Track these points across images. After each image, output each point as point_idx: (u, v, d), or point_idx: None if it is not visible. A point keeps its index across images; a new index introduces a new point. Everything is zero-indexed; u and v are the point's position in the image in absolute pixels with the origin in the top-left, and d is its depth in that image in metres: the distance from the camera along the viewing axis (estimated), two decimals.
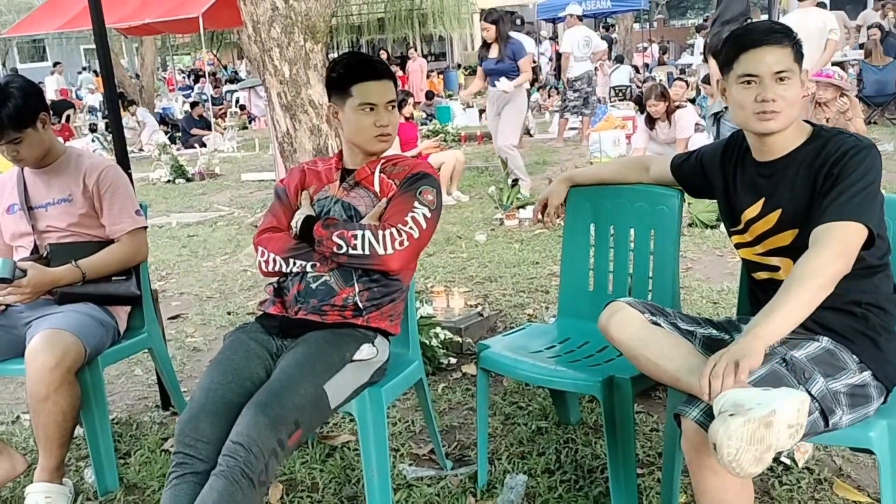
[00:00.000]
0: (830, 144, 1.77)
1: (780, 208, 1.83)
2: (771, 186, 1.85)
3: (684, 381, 1.71)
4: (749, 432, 1.45)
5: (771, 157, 1.85)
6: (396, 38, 21.74)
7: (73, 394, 2.29)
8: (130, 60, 24.14)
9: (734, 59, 1.79)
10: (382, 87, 2.12)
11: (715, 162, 2.01)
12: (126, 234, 2.56)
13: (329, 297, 2.06)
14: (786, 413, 1.48)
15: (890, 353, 1.77)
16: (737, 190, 1.94)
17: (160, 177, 9.95)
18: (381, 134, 2.12)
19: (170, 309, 4.41)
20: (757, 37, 1.76)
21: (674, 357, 1.75)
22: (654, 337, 1.81)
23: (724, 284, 4.03)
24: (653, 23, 25.95)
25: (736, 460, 1.45)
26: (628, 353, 1.85)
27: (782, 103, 1.75)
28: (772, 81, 1.75)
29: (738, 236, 1.96)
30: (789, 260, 1.82)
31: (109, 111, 3.19)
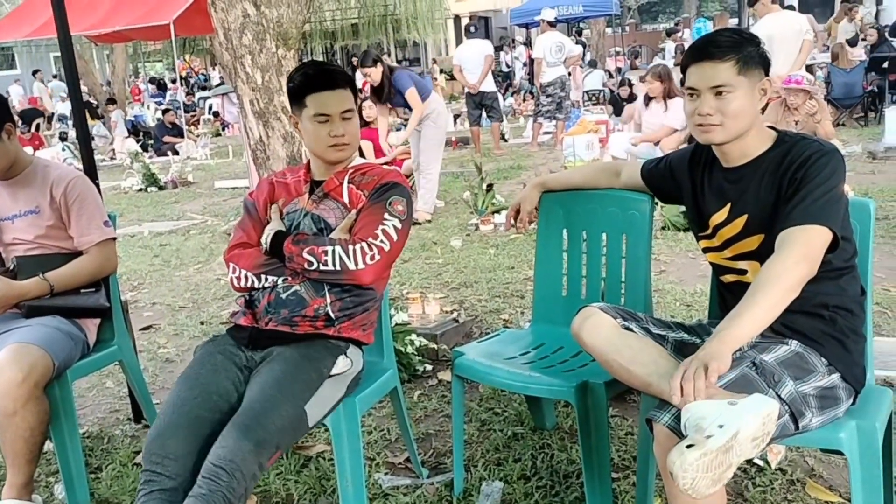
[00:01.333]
0: (794, 150, 1.79)
1: (746, 214, 1.85)
2: (737, 192, 1.88)
3: (655, 385, 1.72)
4: (706, 463, 1.47)
5: (735, 163, 1.88)
6: (370, 43, 21.72)
7: (42, 409, 2.25)
8: (101, 68, 23.89)
9: (683, 71, 1.83)
10: (337, 97, 2.09)
11: (683, 167, 2.03)
12: (94, 245, 2.52)
13: (300, 307, 2.04)
14: (749, 430, 1.50)
15: (857, 354, 1.79)
16: (704, 195, 1.96)
17: (132, 185, 9.85)
18: (336, 144, 2.10)
19: (142, 319, 4.35)
20: (699, 51, 1.79)
21: (645, 362, 1.77)
22: (626, 342, 1.82)
23: (696, 287, 4.06)
24: (625, 27, 26.18)
25: (692, 488, 1.48)
26: (600, 358, 1.86)
27: (720, 117, 1.78)
28: (709, 95, 1.78)
29: (706, 241, 1.98)
30: (756, 263, 1.84)
31: (76, 120, 3.14)
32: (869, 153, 7.86)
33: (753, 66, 1.78)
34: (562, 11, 15.20)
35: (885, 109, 9.21)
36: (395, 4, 18.66)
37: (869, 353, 1.93)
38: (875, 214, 1.97)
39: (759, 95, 1.80)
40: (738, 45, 1.77)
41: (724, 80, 1.76)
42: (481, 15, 22.19)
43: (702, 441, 1.49)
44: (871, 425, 1.72)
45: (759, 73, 1.80)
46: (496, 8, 24.33)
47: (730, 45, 1.76)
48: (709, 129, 1.81)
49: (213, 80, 22.57)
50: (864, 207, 1.96)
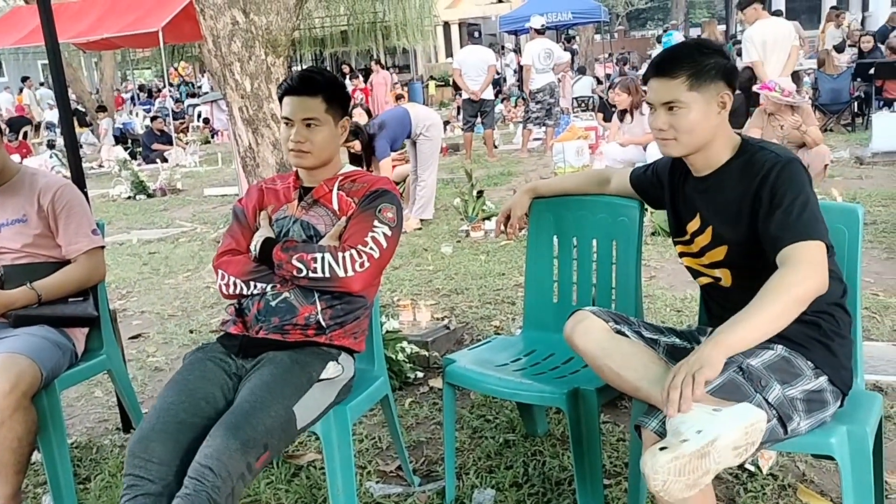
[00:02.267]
0: (755, 163, 1.80)
1: (713, 224, 1.89)
2: (704, 202, 1.91)
3: (644, 390, 1.73)
4: (678, 466, 1.48)
5: (702, 172, 1.91)
6: (360, 50, 21.77)
7: (29, 419, 2.23)
8: (90, 75, 23.82)
9: (645, 83, 1.87)
10: (302, 104, 2.09)
11: (665, 174, 2.05)
12: (83, 254, 2.51)
13: (290, 315, 2.03)
14: (730, 438, 1.50)
15: (844, 357, 1.80)
16: (682, 203, 1.99)
17: (120, 193, 9.80)
18: (294, 150, 2.10)
19: (130, 328, 4.33)
20: (654, 66, 1.82)
21: (635, 366, 1.77)
22: (617, 346, 1.82)
23: (686, 292, 4.07)
24: (613, 34, 26.30)
25: (664, 490, 1.49)
26: (591, 362, 1.86)
27: (673, 132, 1.81)
28: (662, 111, 1.81)
29: (684, 246, 2.00)
30: (727, 271, 1.89)
31: (63, 128, 3.13)
32: (856, 158, 7.92)
33: (709, 80, 1.78)
34: (551, 18, 15.24)
35: (871, 115, 9.28)
36: (384, 11, 18.71)
37: (858, 358, 1.94)
38: (863, 219, 1.98)
39: (717, 108, 1.81)
40: (693, 60, 1.78)
41: (674, 96, 1.78)
42: (471, 22, 22.28)
43: (676, 444, 1.50)
44: (862, 430, 1.73)
45: (718, 87, 1.80)
46: (485, 15, 24.41)
47: (684, 60, 1.78)
48: (665, 143, 1.85)
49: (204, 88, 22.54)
50: (853, 213, 1.97)
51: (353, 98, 16.29)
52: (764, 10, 7.13)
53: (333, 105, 2.13)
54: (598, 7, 16.69)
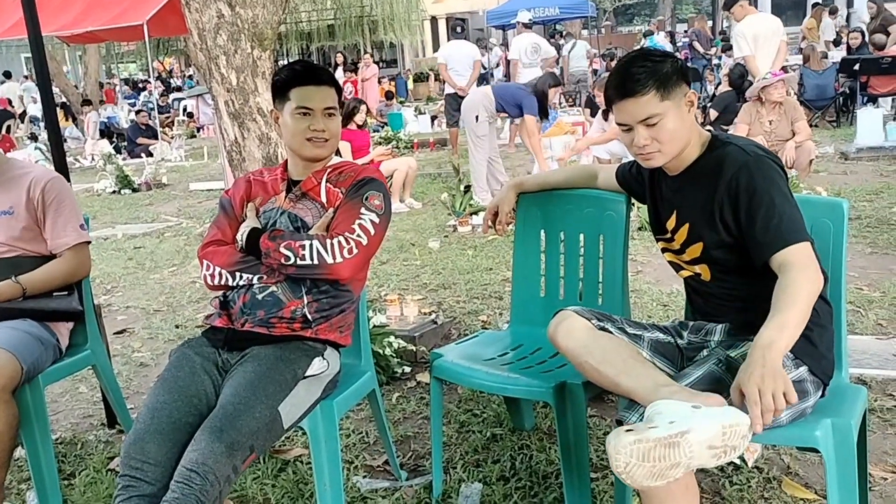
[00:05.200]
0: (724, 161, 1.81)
1: (688, 222, 1.91)
2: (679, 200, 1.93)
3: (624, 385, 1.74)
4: (641, 450, 1.48)
5: (675, 172, 1.93)
6: (347, 44, 21.67)
7: (10, 413, 2.21)
8: (74, 69, 23.60)
9: (611, 105, 1.86)
10: (321, 93, 2.09)
11: (647, 172, 2.06)
12: (69, 248, 2.48)
13: (276, 308, 2.02)
14: (704, 434, 1.50)
15: (823, 347, 1.82)
16: (660, 201, 2.01)
17: (105, 187, 9.72)
18: (315, 138, 2.08)
19: (115, 324, 4.29)
20: (619, 89, 1.82)
21: (614, 362, 1.78)
22: (598, 343, 1.82)
23: (673, 287, 4.09)
24: (600, 29, 26.34)
25: (626, 473, 1.50)
26: (573, 360, 1.87)
27: (656, 144, 1.82)
28: (641, 128, 1.81)
29: (666, 242, 2.02)
30: (706, 266, 1.91)
31: (47, 122, 3.09)
32: (841, 154, 7.98)
33: (674, 86, 1.80)
34: (538, 13, 15.26)
35: (856, 111, 9.35)
36: (371, 6, 18.63)
37: (843, 351, 1.96)
38: (848, 214, 2.00)
39: (687, 108, 1.83)
40: (654, 72, 1.78)
41: (650, 111, 1.79)
42: (458, 16, 22.21)
43: (642, 429, 1.51)
44: (846, 423, 1.74)
45: (682, 88, 1.82)
46: (473, 9, 24.37)
47: (646, 75, 1.78)
48: (650, 157, 1.85)
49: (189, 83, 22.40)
50: (837, 207, 1.99)
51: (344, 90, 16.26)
52: (751, 6, 7.17)
53: (339, 95, 2.16)
54: (586, 2, 16.72)
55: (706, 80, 12.78)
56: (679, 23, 29.19)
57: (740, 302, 1.88)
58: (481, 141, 6.69)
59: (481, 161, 6.70)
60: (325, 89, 2.11)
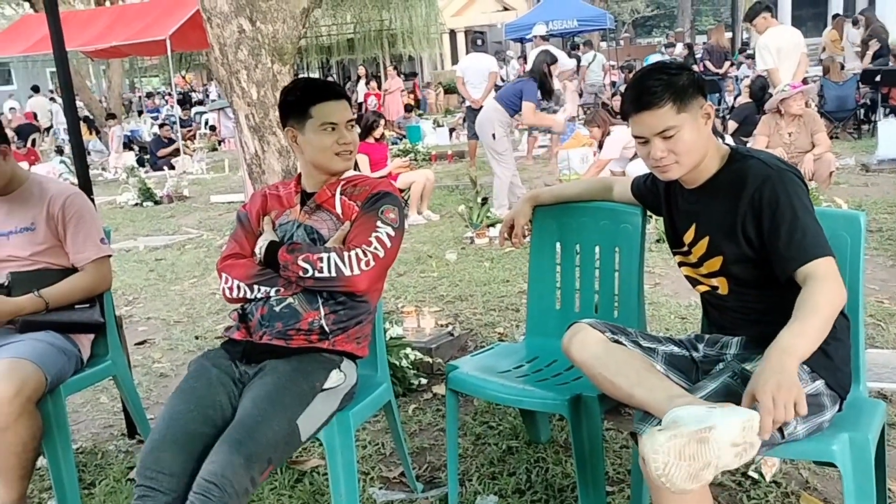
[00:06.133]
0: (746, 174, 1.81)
1: (708, 235, 1.90)
2: (698, 213, 1.93)
3: (638, 397, 1.74)
4: (677, 447, 1.47)
5: (692, 185, 1.93)
6: (366, 58, 21.85)
7: (34, 424, 2.24)
8: (98, 83, 23.96)
9: (627, 118, 1.87)
10: (342, 107, 2.15)
11: (662, 184, 2.06)
12: (90, 262, 2.52)
13: (294, 320, 2.04)
14: (727, 431, 1.49)
15: (839, 360, 1.81)
16: (676, 213, 2.01)
17: (127, 200, 9.84)
18: (343, 152, 2.13)
19: (136, 334, 4.34)
20: (635, 102, 1.82)
21: (628, 373, 1.78)
22: (612, 355, 1.83)
23: (691, 299, 4.07)
24: (619, 41, 26.33)
25: (665, 475, 1.48)
26: (587, 372, 1.87)
27: (673, 156, 1.82)
28: (658, 140, 1.81)
29: (682, 256, 2.02)
30: (724, 279, 1.90)
31: (71, 135, 3.15)
32: (862, 166, 7.91)
33: (690, 98, 1.80)
34: (556, 26, 15.30)
35: (878, 122, 9.27)
36: (391, 19, 18.78)
37: (861, 364, 1.94)
38: (866, 227, 1.99)
39: (703, 121, 1.83)
40: (670, 84, 1.79)
41: (667, 124, 1.79)
42: (477, 29, 22.32)
43: (674, 425, 1.50)
44: (864, 437, 1.72)
45: (698, 101, 1.82)
46: (491, 23, 24.47)
47: (662, 87, 1.78)
48: (666, 169, 1.85)
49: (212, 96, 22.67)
50: (855, 220, 1.98)
51: (367, 103, 16.43)
52: (773, 18, 7.15)
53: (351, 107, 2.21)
54: (604, 14, 16.74)
55: (725, 91, 12.73)
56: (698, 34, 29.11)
57: (757, 315, 1.88)
58: (503, 157, 6.67)
59: (505, 176, 6.67)
60: (343, 103, 2.16)
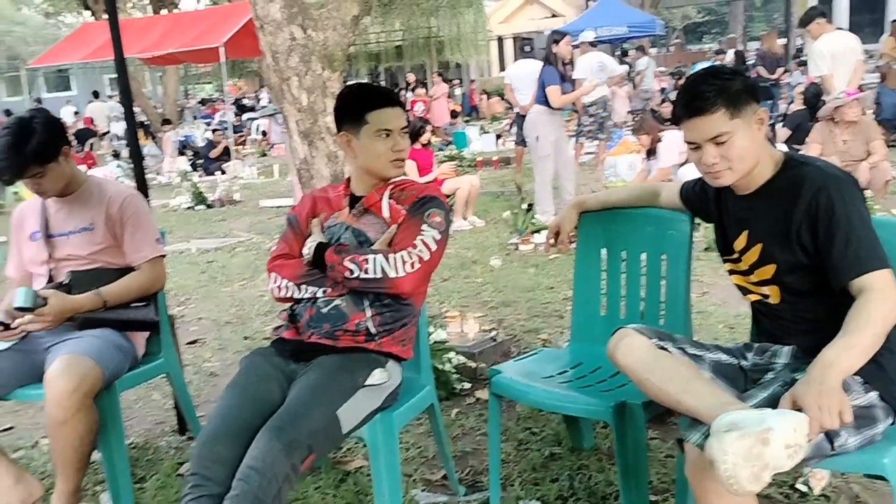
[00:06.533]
0: (802, 181, 1.78)
1: (761, 242, 1.88)
2: (750, 220, 1.90)
3: (686, 403, 1.72)
4: (745, 447, 1.46)
5: (745, 191, 1.90)
6: (414, 65, 22.01)
7: (91, 418, 2.32)
8: (153, 89, 24.59)
9: (679, 123, 1.84)
10: (397, 114, 2.18)
11: (712, 190, 2.04)
12: (146, 262, 2.60)
13: (341, 321, 2.08)
14: (782, 431, 1.49)
15: (893, 371, 1.77)
16: (728, 221, 1.99)
17: (181, 203, 10.08)
18: (398, 159, 2.17)
19: (188, 334, 4.44)
20: (687, 108, 1.80)
21: (676, 380, 1.76)
22: (659, 361, 1.82)
23: (740, 309, 3.99)
24: (669, 48, 26.01)
25: (734, 476, 1.47)
26: (634, 377, 1.86)
27: (725, 162, 1.80)
28: (710, 146, 1.79)
29: (733, 264, 1.99)
30: (776, 288, 1.87)
31: (129, 140, 3.25)
32: None
33: (744, 103, 1.78)
34: (605, 32, 15.18)
35: None
36: (438, 27, 18.89)
37: None
38: None
39: (757, 127, 1.81)
40: (723, 89, 1.77)
41: (719, 129, 1.77)
42: (524, 36, 22.29)
43: (737, 427, 1.49)
44: None
45: (752, 106, 1.80)
46: (539, 29, 24.39)
47: (715, 93, 1.76)
48: (719, 175, 1.83)
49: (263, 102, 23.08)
50: None
51: (413, 109, 16.59)
52: (828, 24, 6.99)
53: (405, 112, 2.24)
54: (654, 21, 16.55)
55: (779, 98, 12.48)
56: (751, 41, 28.58)
57: (809, 324, 1.85)
58: (543, 161, 6.68)
59: (545, 181, 6.67)
60: (398, 110, 2.19)
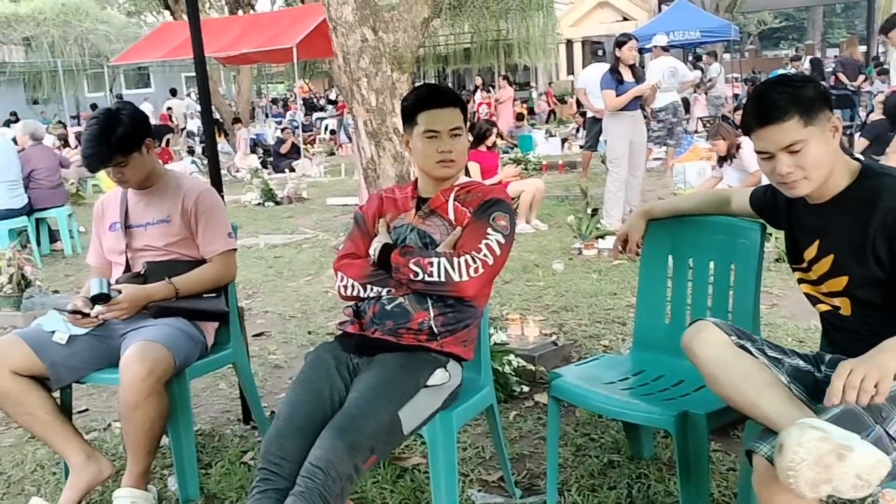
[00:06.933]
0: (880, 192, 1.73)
1: (833, 253, 1.82)
2: (823, 230, 1.85)
3: (762, 408, 1.68)
4: (820, 451, 1.43)
5: (818, 200, 1.85)
6: (482, 67, 22.02)
7: (162, 404, 2.41)
8: (228, 88, 25.27)
9: (750, 132, 1.80)
10: (446, 115, 2.17)
11: (783, 197, 1.99)
12: (218, 255, 2.68)
13: (404, 319, 2.11)
14: (862, 459, 1.45)
15: None
16: (798, 230, 1.94)
17: (251, 200, 10.34)
18: (443, 160, 2.17)
19: (254, 326, 4.56)
20: (759, 117, 1.75)
21: (754, 382, 1.72)
22: (739, 361, 1.77)
23: (810, 322, 3.88)
24: (744, 53, 25.39)
25: (796, 470, 1.44)
26: (708, 371, 1.81)
27: (800, 171, 1.75)
28: (784, 155, 1.74)
29: (802, 273, 1.95)
30: (847, 300, 1.82)
31: (206, 136, 3.36)
32: None
33: (817, 111, 1.73)
34: (678, 36, 14.91)
35: None
36: (507, 29, 18.86)
37: None
38: None
39: (831, 134, 1.76)
40: (796, 97, 1.72)
41: (793, 138, 1.72)
42: (595, 40, 22.07)
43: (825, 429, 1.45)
44: None
45: (825, 113, 1.75)
46: (610, 33, 24.12)
47: (787, 101, 1.72)
48: (794, 185, 1.78)
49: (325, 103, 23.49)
50: None
51: (478, 112, 16.63)
52: None
53: (465, 115, 2.23)
54: (729, 25, 16.15)
55: (859, 106, 12.06)
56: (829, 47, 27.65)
57: (881, 338, 1.78)
58: (615, 164, 6.61)
59: (615, 185, 6.60)
60: (449, 111, 2.18)
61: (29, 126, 7.57)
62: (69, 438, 2.50)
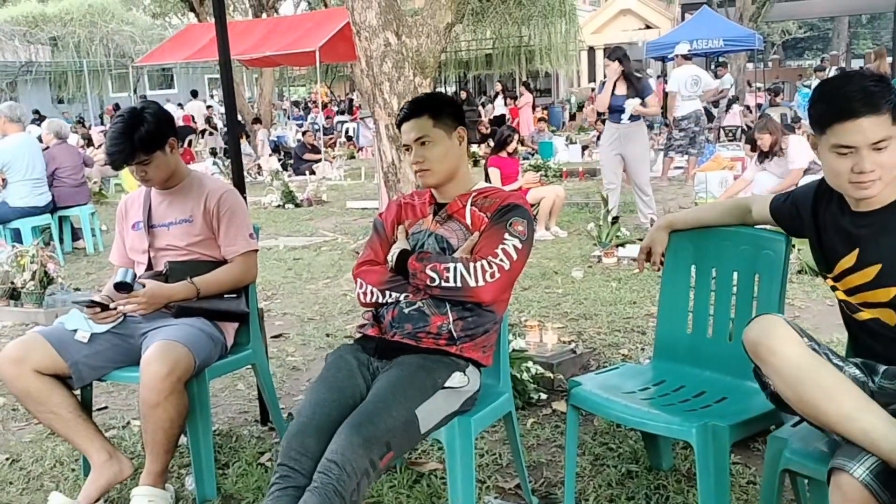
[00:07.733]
0: None
1: (880, 264, 1.75)
2: (867, 239, 1.78)
3: (860, 425, 1.55)
4: None
5: (866, 208, 1.79)
6: (503, 73, 22.03)
7: (181, 403, 2.42)
8: (250, 90, 25.47)
9: (827, 126, 1.70)
10: (412, 126, 2.21)
11: (807, 205, 1.95)
12: (239, 255, 2.69)
13: (422, 323, 2.11)
14: None
15: None
16: (830, 237, 1.88)
17: (271, 201, 10.39)
18: (418, 171, 2.22)
19: (273, 328, 4.57)
20: (852, 107, 1.66)
21: (852, 394, 1.61)
22: (825, 369, 1.64)
23: (833, 335, 3.83)
24: (767, 63, 25.21)
25: None
26: (793, 375, 1.65)
27: (880, 171, 1.69)
28: (868, 152, 1.67)
29: (834, 281, 1.89)
30: (890, 311, 1.75)
31: (230, 138, 3.38)
32: None
33: None
34: (701, 45, 14.84)
35: None
36: (530, 36, 18.86)
37: None
38: None
39: None
40: (885, 92, 1.66)
41: (884, 133, 1.66)
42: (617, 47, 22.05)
43: None
44: None
45: None
46: (632, 41, 24.06)
47: (880, 94, 1.65)
48: (868, 186, 1.70)
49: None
50: None
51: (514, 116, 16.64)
52: None
53: (442, 119, 2.22)
54: (752, 35, 16.04)
55: None
56: (854, 58, 27.36)
57: None
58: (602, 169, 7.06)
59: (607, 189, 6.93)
60: (414, 121, 2.21)
61: (54, 125, 7.66)
62: (91, 437, 2.52)
